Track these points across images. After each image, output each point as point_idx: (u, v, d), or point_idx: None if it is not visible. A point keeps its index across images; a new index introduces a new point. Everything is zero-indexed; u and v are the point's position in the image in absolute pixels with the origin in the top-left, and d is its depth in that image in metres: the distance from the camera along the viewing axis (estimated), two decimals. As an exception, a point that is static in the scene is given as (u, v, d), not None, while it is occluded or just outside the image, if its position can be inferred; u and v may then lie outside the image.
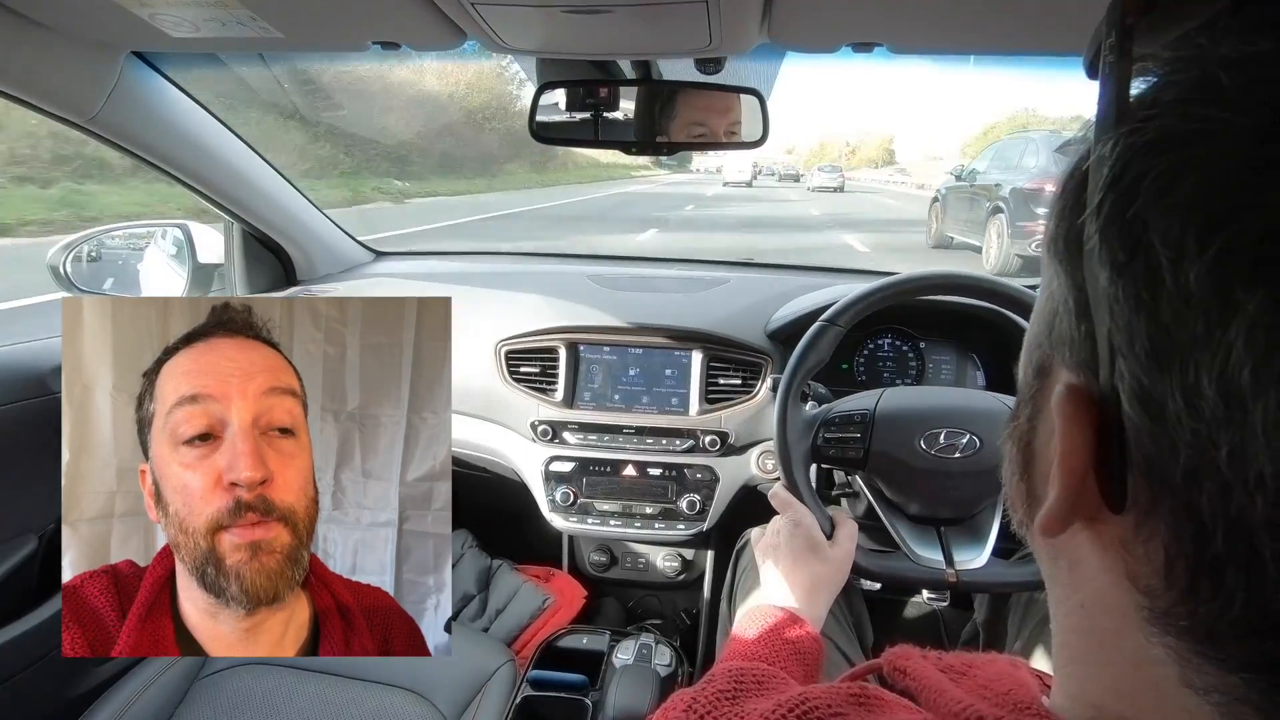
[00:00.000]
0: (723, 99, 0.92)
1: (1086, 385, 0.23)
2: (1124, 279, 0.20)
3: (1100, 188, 0.21)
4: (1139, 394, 0.20)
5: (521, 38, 0.76)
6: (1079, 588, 0.26)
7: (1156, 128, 0.20)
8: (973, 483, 0.82)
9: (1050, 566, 0.28)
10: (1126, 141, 0.20)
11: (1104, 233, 0.21)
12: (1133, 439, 0.21)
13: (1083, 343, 0.23)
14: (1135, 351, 0.20)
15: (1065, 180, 0.25)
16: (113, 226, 1.38)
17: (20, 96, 0.86)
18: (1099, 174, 0.21)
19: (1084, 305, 0.22)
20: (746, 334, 1.22)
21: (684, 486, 1.24)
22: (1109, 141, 0.21)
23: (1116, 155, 0.21)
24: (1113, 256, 0.20)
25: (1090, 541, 0.24)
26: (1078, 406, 0.22)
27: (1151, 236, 0.19)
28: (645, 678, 1.03)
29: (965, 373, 1.27)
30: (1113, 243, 0.20)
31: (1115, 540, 0.23)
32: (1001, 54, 0.79)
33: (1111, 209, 0.21)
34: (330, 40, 0.82)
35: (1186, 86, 0.20)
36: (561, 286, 1.38)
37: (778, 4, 0.65)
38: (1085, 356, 0.23)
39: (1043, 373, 0.26)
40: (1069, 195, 0.24)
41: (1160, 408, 0.19)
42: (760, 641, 0.64)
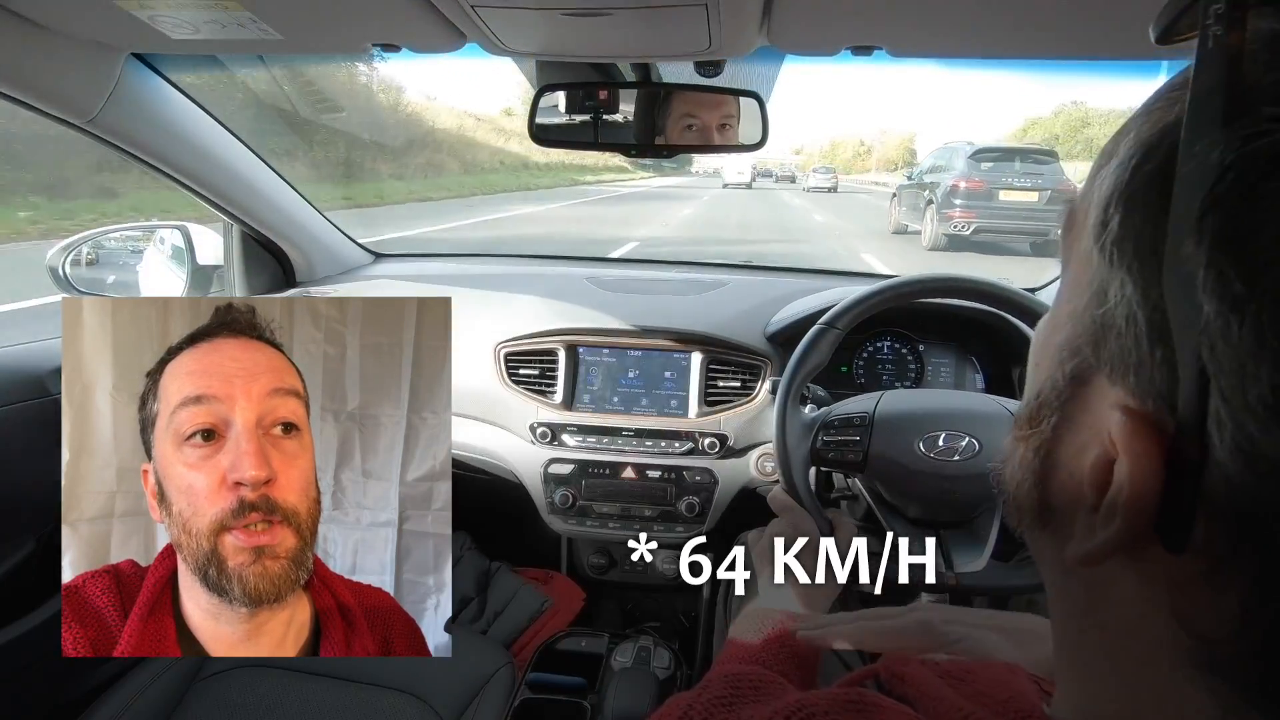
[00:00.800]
0: (722, 102, 0.93)
1: (1157, 416, 0.20)
2: (1242, 316, 0.17)
3: (1206, 198, 0.17)
4: (1245, 446, 0.17)
5: (521, 40, 0.76)
6: (1100, 608, 0.24)
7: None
8: (972, 486, 0.82)
9: (1060, 579, 0.27)
10: (1247, 147, 0.17)
11: (1213, 257, 0.17)
12: (1221, 486, 0.18)
13: (1156, 369, 0.20)
14: (1246, 399, 0.17)
15: (1130, 173, 0.21)
16: (111, 228, 1.38)
17: (20, 98, 0.86)
18: (1201, 179, 0.18)
19: (1163, 328, 0.19)
20: (746, 336, 1.22)
21: (683, 489, 1.24)
22: (1214, 143, 0.17)
23: (1231, 162, 0.17)
24: (1225, 286, 0.17)
25: (1129, 571, 0.22)
26: (1149, 440, 0.20)
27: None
28: (644, 680, 1.02)
29: (964, 375, 1.27)
30: (1226, 270, 0.17)
31: (1162, 575, 0.21)
32: (1000, 59, 0.79)
33: (1225, 229, 0.17)
34: (330, 43, 0.82)
35: None
36: (560, 289, 1.38)
37: (777, 7, 0.65)
38: (1161, 385, 0.20)
39: (1079, 381, 0.24)
40: (1141, 186, 0.21)
41: (1272, 464, 0.17)
42: (758, 646, 0.64)
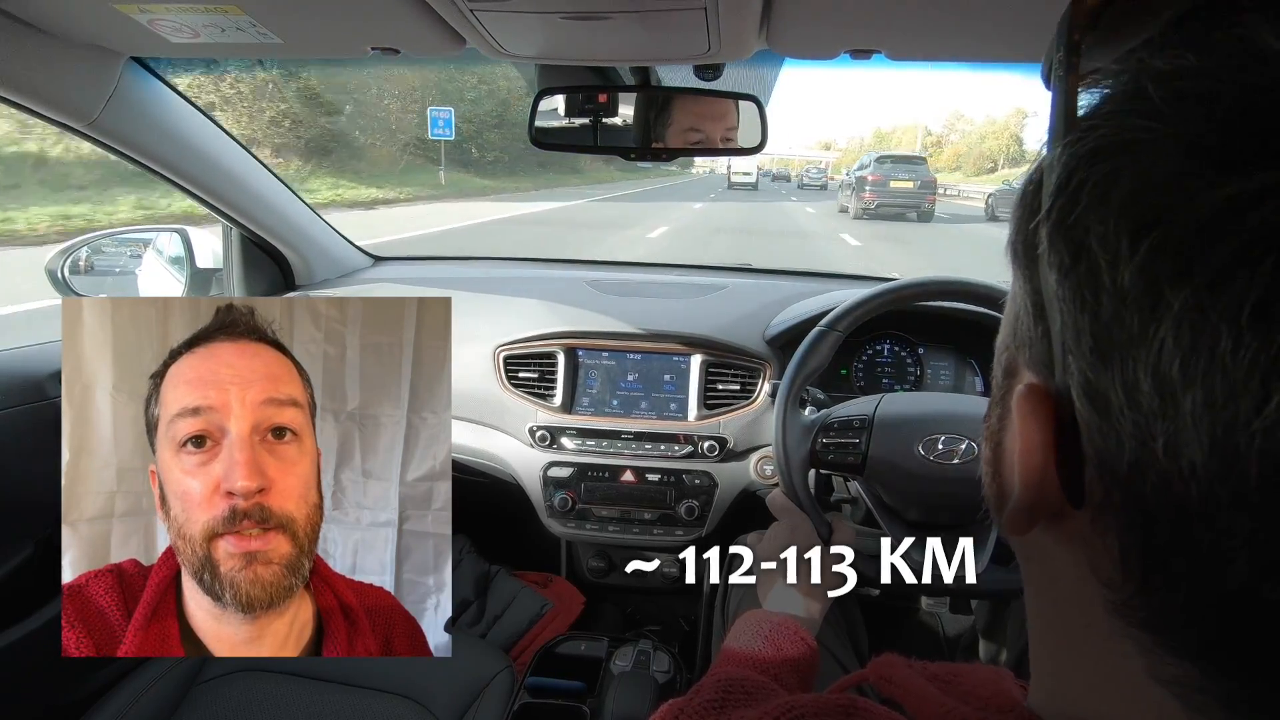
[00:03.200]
0: (721, 105, 0.93)
1: (1044, 384, 0.23)
2: (1069, 280, 0.21)
3: (1049, 194, 0.22)
4: (1087, 390, 0.21)
5: (521, 44, 0.76)
6: (1050, 585, 0.27)
7: (1096, 137, 0.21)
8: (971, 488, 0.81)
9: (1026, 566, 0.29)
10: (1071, 150, 0.21)
11: (1051, 237, 0.22)
12: (1085, 435, 0.21)
13: (1040, 342, 0.24)
14: (1082, 349, 0.21)
15: (1025, 187, 0.25)
16: (110, 231, 1.38)
17: (19, 101, 0.86)
18: (1049, 181, 0.22)
19: (1040, 307, 0.23)
20: (745, 340, 1.22)
21: (682, 492, 1.24)
22: (1057, 150, 0.22)
23: (1063, 163, 0.22)
24: (1060, 259, 0.21)
25: (1055, 538, 0.25)
26: (1035, 404, 0.23)
27: (1091, 240, 0.20)
28: (643, 684, 1.02)
29: (964, 378, 1.28)
30: (1059, 246, 0.21)
31: (1077, 535, 0.24)
32: (998, 64, 0.79)
33: (1058, 214, 0.22)
34: (329, 46, 0.82)
35: (1122, 99, 0.21)
36: (560, 292, 1.38)
37: (776, 11, 0.66)
38: (1042, 356, 0.23)
39: (1010, 373, 0.27)
40: (1026, 201, 0.25)
41: (1105, 402, 0.20)
42: (754, 650, 0.64)
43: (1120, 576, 0.22)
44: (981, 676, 0.34)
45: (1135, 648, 0.22)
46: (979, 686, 0.32)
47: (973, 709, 0.29)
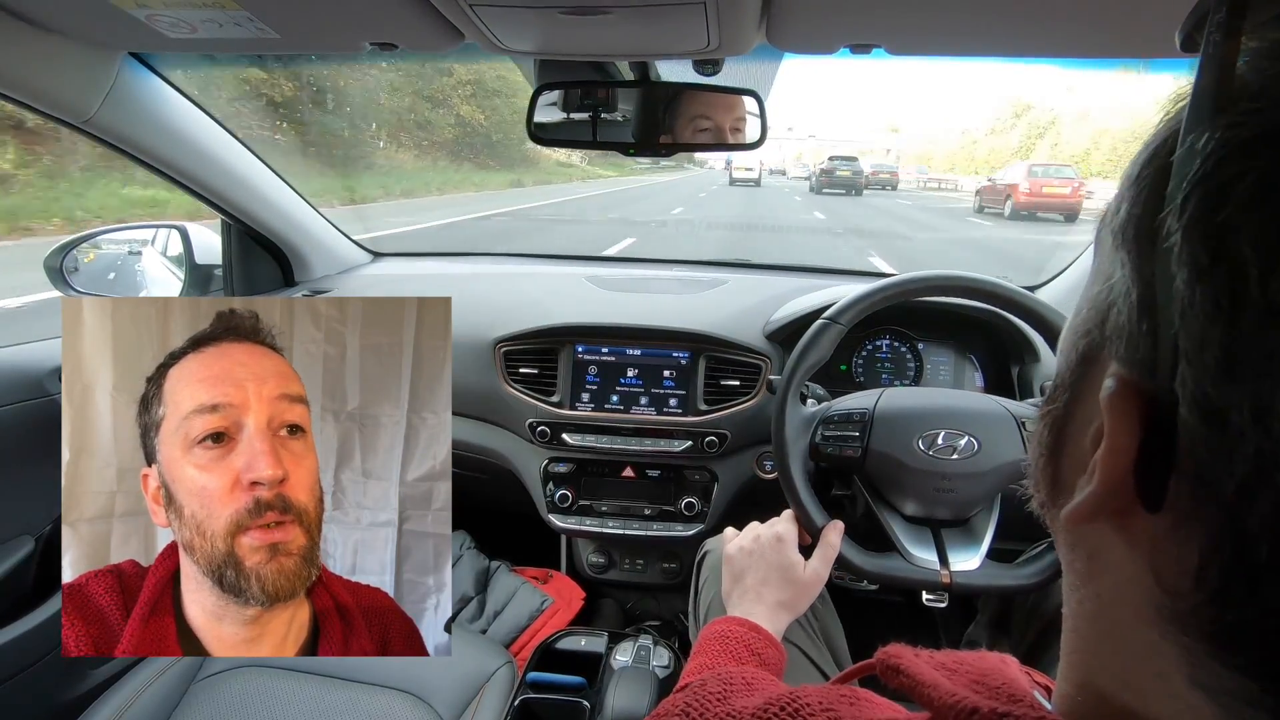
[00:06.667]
0: (721, 100, 0.93)
1: (1140, 382, 0.22)
2: (1203, 284, 0.19)
3: (1188, 183, 0.19)
4: (1201, 402, 0.19)
5: (519, 39, 0.76)
6: (1096, 577, 0.26)
7: (1260, 123, 0.18)
8: (969, 484, 0.82)
9: (1068, 553, 0.28)
10: (1224, 135, 0.19)
11: (1187, 232, 0.19)
12: (1187, 446, 0.20)
13: (1143, 340, 0.22)
14: (1204, 360, 0.19)
15: (1142, 164, 0.23)
16: (110, 227, 1.38)
17: (17, 97, 0.86)
18: (1187, 166, 0.19)
19: (1149, 302, 0.21)
20: (745, 335, 1.22)
21: (682, 488, 1.24)
22: (1202, 133, 0.19)
23: (1211, 150, 0.19)
24: (1194, 259, 0.19)
25: (1116, 534, 0.24)
26: (1130, 403, 0.22)
27: (1241, 244, 0.18)
28: (643, 679, 1.03)
29: (963, 374, 1.28)
30: (1195, 245, 0.19)
31: (1144, 537, 0.22)
32: (998, 57, 0.79)
33: (1199, 208, 0.19)
34: (326, 42, 0.82)
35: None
36: (560, 287, 1.38)
37: (776, 6, 0.65)
38: (1144, 354, 0.22)
39: (1088, 360, 0.26)
40: (1146, 182, 0.23)
41: (1224, 419, 0.18)
42: (722, 656, 0.65)
43: (1190, 586, 0.20)
44: (988, 664, 0.34)
45: (1182, 654, 0.21)
46: (987, 675, 0.32)
47: (982, 697, 0.28)
